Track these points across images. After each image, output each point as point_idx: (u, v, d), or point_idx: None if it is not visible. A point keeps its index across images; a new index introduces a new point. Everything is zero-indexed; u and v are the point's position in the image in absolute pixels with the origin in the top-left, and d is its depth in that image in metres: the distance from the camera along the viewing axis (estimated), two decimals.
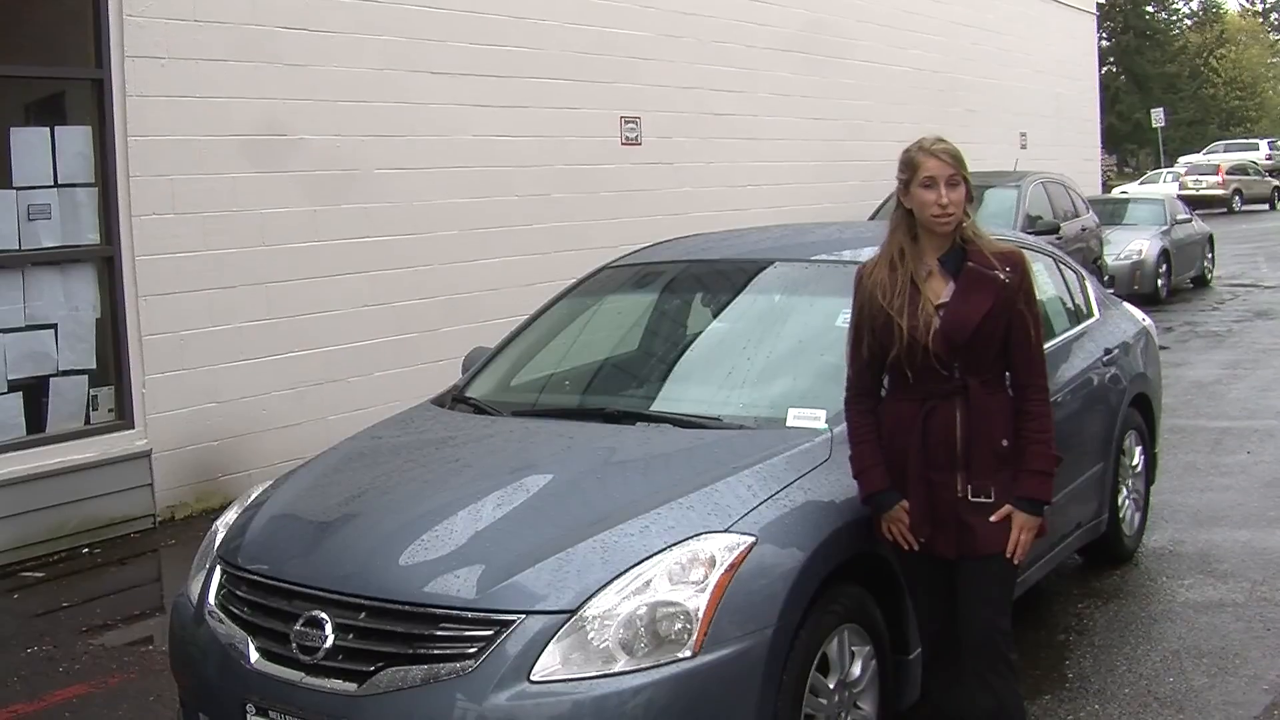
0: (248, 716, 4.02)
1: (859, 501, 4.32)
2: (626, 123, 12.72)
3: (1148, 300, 16.56)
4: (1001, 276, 4.11)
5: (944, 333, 4.10)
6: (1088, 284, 7.20)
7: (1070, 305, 6.83)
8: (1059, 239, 13.97)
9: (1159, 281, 18.52)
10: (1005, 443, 4.15)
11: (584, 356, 5.86)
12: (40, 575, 7.58)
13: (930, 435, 4.16)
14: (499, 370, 5.76)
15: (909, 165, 4.19)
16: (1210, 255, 21.24)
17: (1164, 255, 18.74)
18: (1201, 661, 5.70)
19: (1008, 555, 4.15)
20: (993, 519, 4.14)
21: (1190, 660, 5.72)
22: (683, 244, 6.49)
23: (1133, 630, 6.10)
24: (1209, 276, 21.09)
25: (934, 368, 4.12)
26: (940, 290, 4.16)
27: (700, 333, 5.67)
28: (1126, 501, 6.96)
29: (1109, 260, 17.42)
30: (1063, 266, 7.01)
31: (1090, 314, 6.96)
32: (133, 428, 8.44)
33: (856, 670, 4.40)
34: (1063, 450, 5.79)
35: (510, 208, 11.25)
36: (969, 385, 4.14)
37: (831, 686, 4.27)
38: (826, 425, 4.65)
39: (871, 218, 14.05)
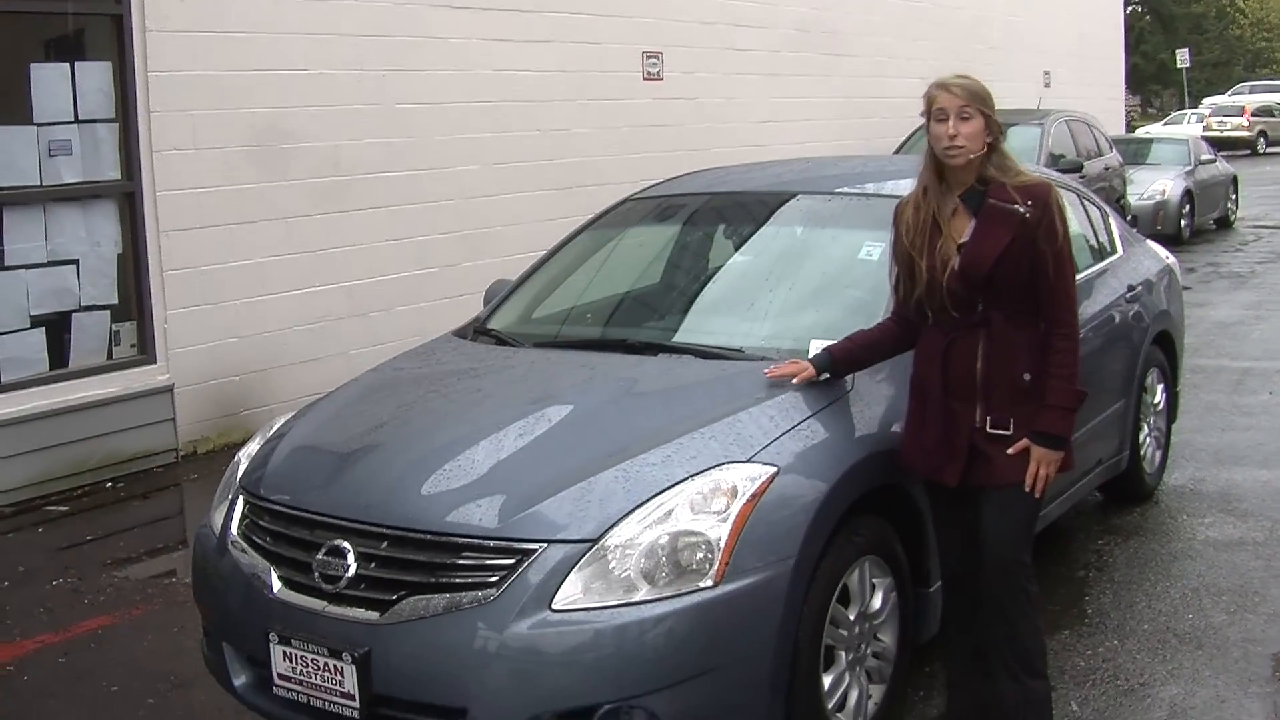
0: (271, 645, 4.03)
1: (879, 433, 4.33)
2: (648, 58, 12.64)
3: (1170, 241, 16.45)
4: (1021, 210, 4.08)
5: (962, 271, 4.09)
6: (1111, 220, 7.15)
7: (1093, 241, 6.79)
8: (1082, 178, 13.87)
9: (1182, 222, 18.41)
10: (1027, 377, 4.13)
11: (606, 289, 5.84)
12: (64, 509, 7.63)
13: (950, 367, 4.16)
14: (520, 302, 5.75)
15: (926, 100, 4.18)
16: (1234, 196, 21.09)
17: (1187, 196, 18.61)
18: (1221, 599, 5.70)
19: (1026, 488, 4.14)
20: (1010, 451, 4.13)
21: (1209, 598, 5.72)
22: (705, 177, 6.46)
23: (1152, 567, 6.10)
24: (1232, 218, 20.94)
25: (957, 304, 4.12)
26: (963, 228, 4.16)
27: (722, 265, 5.64)
28: (1147, 439, 6.94)
29: (1132, 200, 17.32)
30: (1086, 202, 6.95)
31: (1113, 250, 6.91)
32: (155, 363, 8.47)
33: (877, 602, 4.41)
34: (1084, 387, 5.81)
35: (531, 143, 11.21)
36: (991, 319, 4.13)
37: (852, 618, 4.28)
38: None
39: (895, 153, 13.97)
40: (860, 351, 4.48)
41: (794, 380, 4.40)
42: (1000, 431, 4.14)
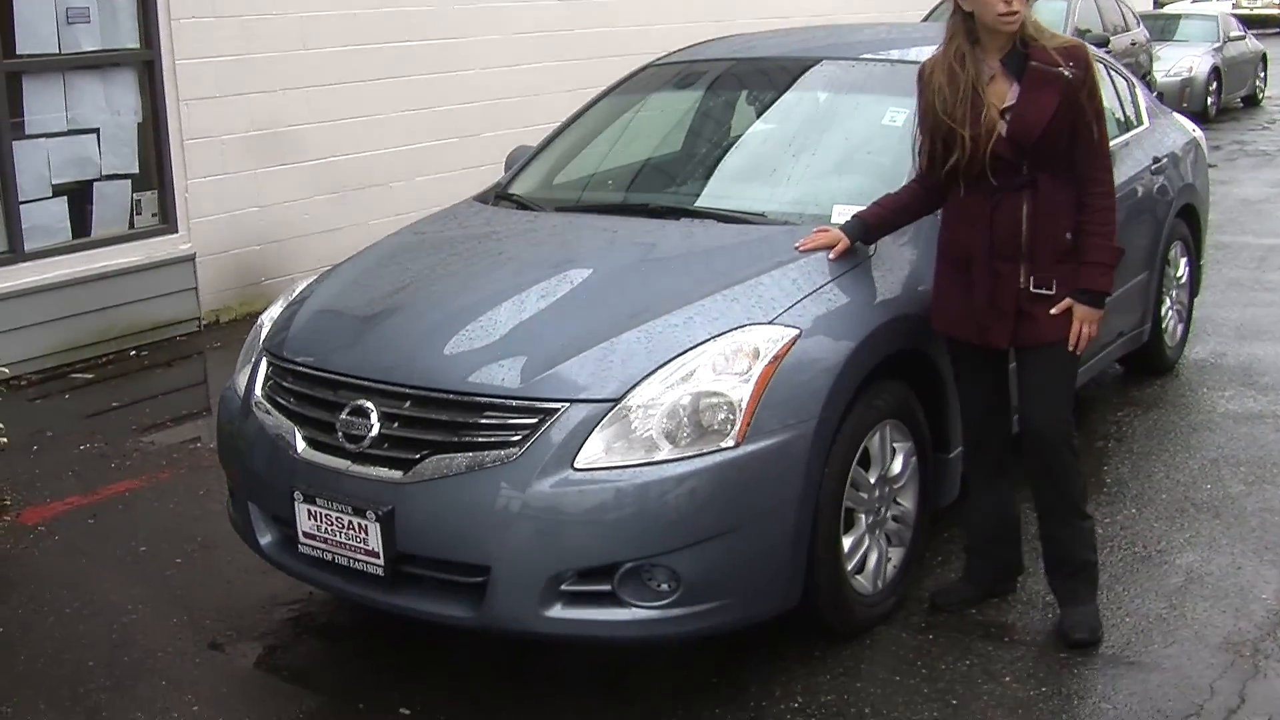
0: (295, 504, 4.08)
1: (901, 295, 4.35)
2: None
3: (1197, 118, 16.20)
4: (1065, 73, 4.07)
5: (1011, 136, 4.09)
6: (1138, 91, 7.06)
7: (1119, 113, 6.71)
8: (1108, 53, 13.67)
9: (1208, 99, 18.18)
10: (1069, 236, 4.16)
11: (627, 155, 5.80)
12: (89, 377, 7.68)
13: (997, 227, 4.16)
14: (542, 168, 5.72)
15: None
16: (1262, 75, 20.80)
17: (1214, 73, 18.37)
18: (1239, 470, 5.72)
19: (1069, 346, 4.18)
20: (1053, 311, 4.16)
21: (1228, 469, 5.74)
22: (728, 43, 6.39)
23: (1171, 439, 6.11)
24: (1260, 96, 20.67)
25: (999, 169, 4.12)
26: (1004, 93, 4.13)
27: (745, 131, 5.60)
28: (1169, 312, 6.91)
29: (1158, 77, 17.11)
30: (1113, 73, 6.87)
31: (1139, 122, 6.83)
32: (176, 232, 8.47)
33: (897, 466, 4.44)
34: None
35: (551, 12, 11.07)
36: (1038, 180, 4.13)
37: (872, 481, 4.31)
38: None
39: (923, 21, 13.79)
40: (891, 216, 4.47)
41: (831, 255, 4.37)
42: (1044, 291, 4.17)
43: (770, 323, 4.05)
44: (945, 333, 4.38)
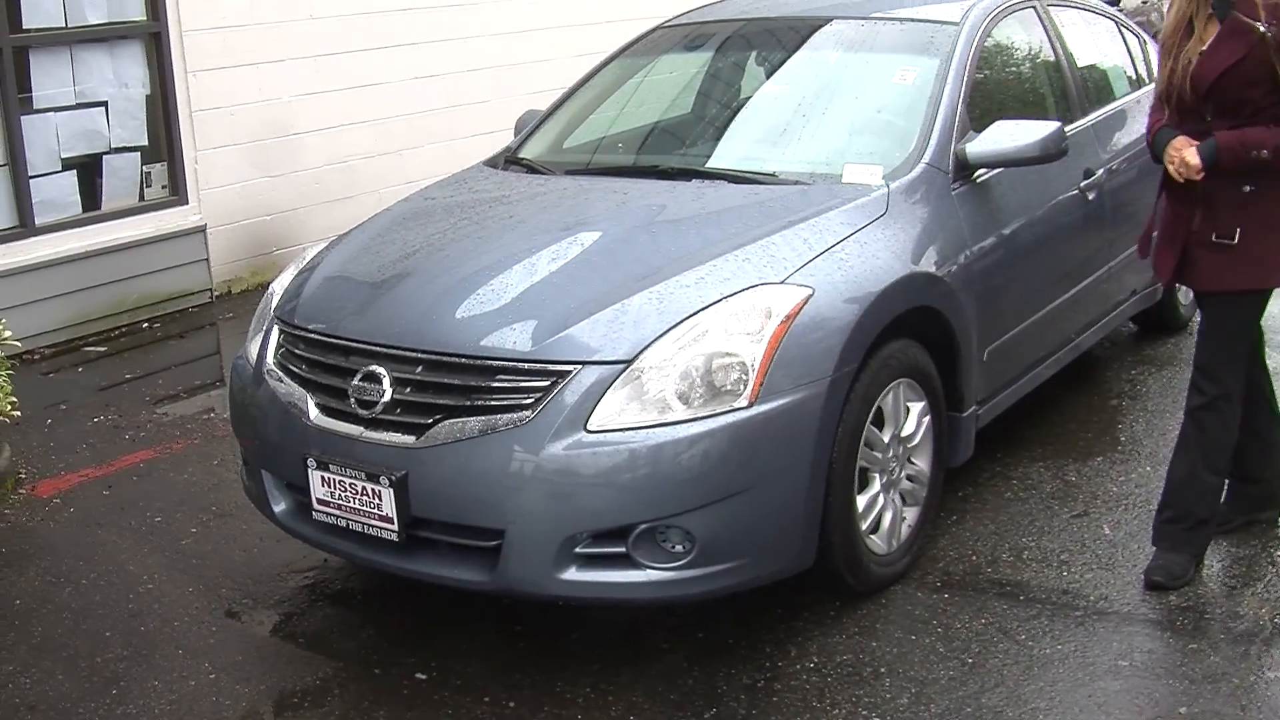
0: (309, 471, 4.08)
1: None
2: None
3: None
4: (1262, 28, 4.05)
5: (1193, 78, 4.13)
6: (1149, 49, 7.01)
7: (1131, 70, 6.67)
8: (1120, 10, 13.59)
9: None
10: (1248, 188, 4.15)
11: (637, 117, 5.77)
12: (102, 349, 7.68)
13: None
14: (551, 132, 5.70)
15: None
16: None
17: None
18: None
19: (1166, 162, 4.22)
20: (1171, 149, 4.18)
21: None
22: (738, 3, 6.33)
23: (1185, 396, 6.07)
24: None
25: (1184, 110, 4.18)
26: (1209, 36, 4.16)
27: (755, 91, 5.56)
28: None
29: None
30: (1124, 30, 6.83)
31: (1151, 79, 6.78)
32: (186, 203, 8.45)
33: (911, 425, 4.42)
34: (1119, 217, 5.78)
35: None
36: (1213, 131, 4.13)
37: (886, 440, 4.30)
38: (883, 180, 4.61)
39: None
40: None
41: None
42: (1224, 241, 4.19)
43: (782, 282, 4.03)
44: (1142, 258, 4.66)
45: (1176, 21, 4.19)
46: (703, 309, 3.91)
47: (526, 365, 3.85)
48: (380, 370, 4.00)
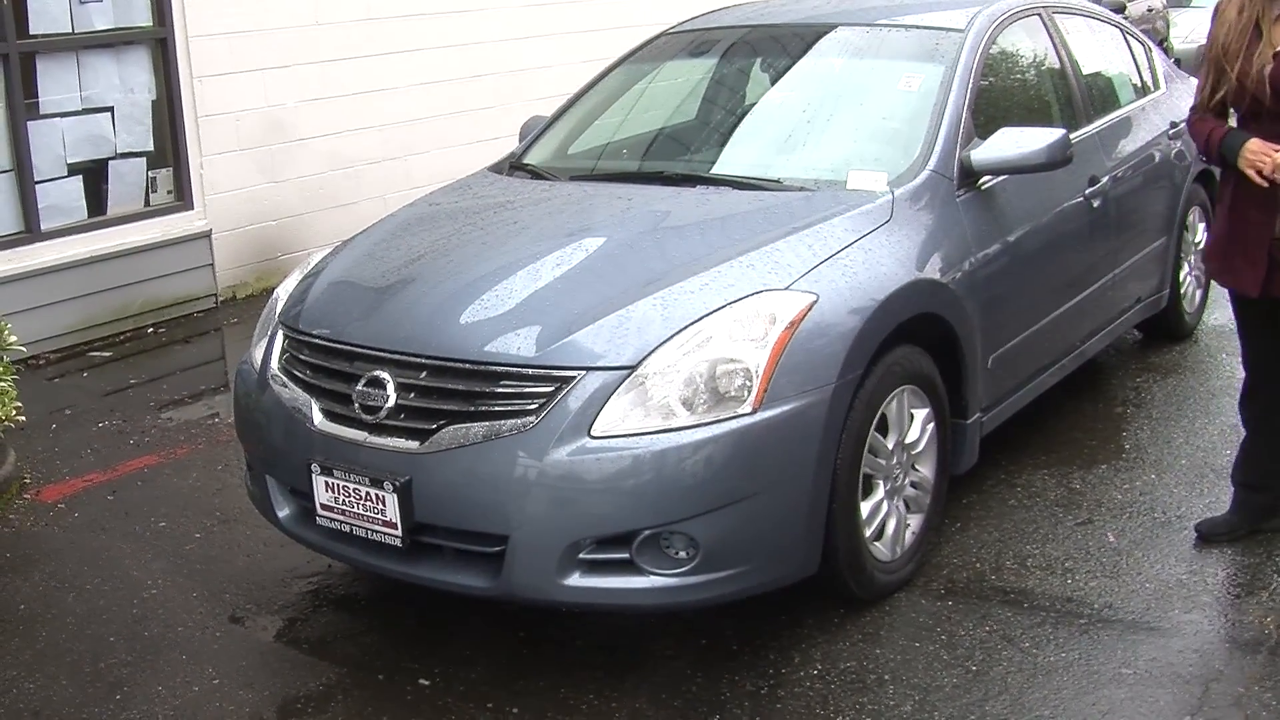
0: (313, 476, 4.08)
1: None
2: None
3: None
4: None
5: (1272, 79, 4.09)
6: (1155, 56, 7.02)
7: (1136, 78, 6.68)
8: (1125, 18, 13.61)
9: None
10: None
11: (642, 123, 5.77)
12: (108, 354, 7.69)
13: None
14: (556, 138, 5.70)
15: None
16: None
17: None
18: None
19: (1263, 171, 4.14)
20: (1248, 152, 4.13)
21: None
22: (742, 10, 6.35)
23: (1190, 404, 6.08)
24: None
25: (1261, 113, 4.13)
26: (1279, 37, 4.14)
27: (760, 98, 5.56)
28: (1188, 278, 6.88)
29: (1175, 43, 16.98)
30: (1130, 38, 6.83)
31: (1156, 87, 6.80)
32: (192, 208, 8.46)
33: (915, 432, 4.42)
34: (1124, 225, 5.78)
35: None
36: None
37: (890, 447, 4.30)
38: (888, 187, 4.61)
39: None
40: None
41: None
42: None
43: (786, 289, 4.03)
44: (1215, 278, 4.52)
45: (1241, 25, 4.14)
46: (707, 315, 3.91)
47: (530, 371, 3.85)
48: (385, 376, 4.00)
